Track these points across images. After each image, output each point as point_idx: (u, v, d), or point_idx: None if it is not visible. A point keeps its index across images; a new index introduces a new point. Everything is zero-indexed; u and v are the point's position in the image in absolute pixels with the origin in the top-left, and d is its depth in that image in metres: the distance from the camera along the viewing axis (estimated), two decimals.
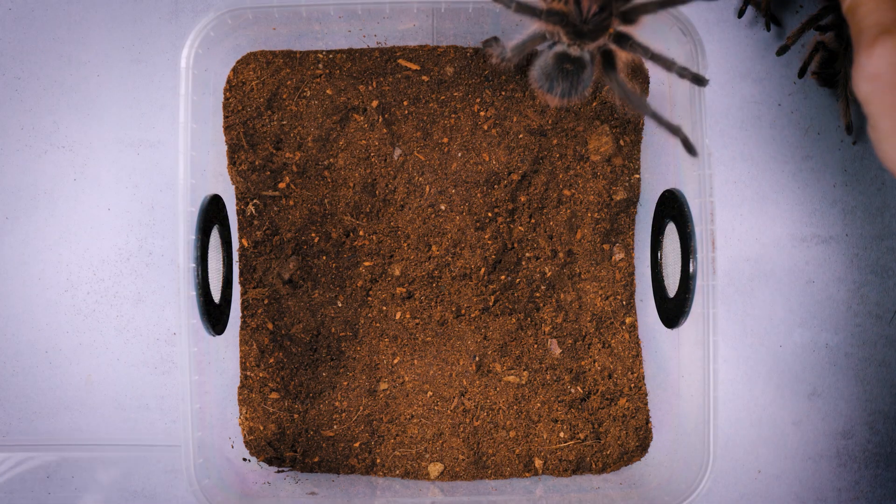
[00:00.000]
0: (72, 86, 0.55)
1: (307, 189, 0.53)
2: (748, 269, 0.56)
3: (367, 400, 0.54)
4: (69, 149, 0.55)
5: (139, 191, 0.55)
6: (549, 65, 0.43)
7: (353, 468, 0.53)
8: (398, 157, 0.53)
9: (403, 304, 0.54)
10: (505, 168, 0.52)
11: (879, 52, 0.31)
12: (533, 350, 0.54)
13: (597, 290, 0.55)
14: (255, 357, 0.53)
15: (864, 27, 0.33)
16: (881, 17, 0.32)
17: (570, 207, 0.54)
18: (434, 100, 0.53)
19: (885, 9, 0.32)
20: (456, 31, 0.52)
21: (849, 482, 0.55)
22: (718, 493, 0.55)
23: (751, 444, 0.55)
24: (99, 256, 0.55)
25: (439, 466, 0.53)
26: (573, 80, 0.42)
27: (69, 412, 0.55)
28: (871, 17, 0.32)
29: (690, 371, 0.49)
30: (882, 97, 0.31)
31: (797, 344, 0.55)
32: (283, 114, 0.53)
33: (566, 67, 0.42)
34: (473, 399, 0.54)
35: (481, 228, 0.53)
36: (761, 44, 0.55)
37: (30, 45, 0.55)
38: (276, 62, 0.53)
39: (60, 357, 0.55)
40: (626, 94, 0.42)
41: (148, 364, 0.55)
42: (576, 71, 0.42)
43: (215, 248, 0.49)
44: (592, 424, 0.54)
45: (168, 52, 0.55)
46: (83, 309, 0.55)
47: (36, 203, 0.55)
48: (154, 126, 0.55)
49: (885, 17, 0.32)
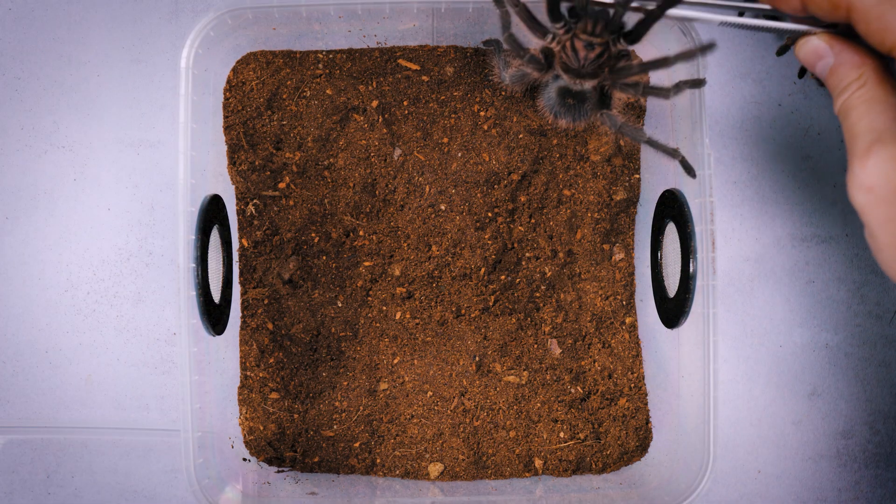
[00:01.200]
0: (72, 86, 0.55)
1: (307, 189, 0.53)
2: (748, 269, 0.56)
3: (367, 400, 0.54)
4: (69, 149, 0.55)
5: (139, 191, 0.55)
6: (553, 99, 0.44)
7: (353, 468, 0.53)
8: (398, 157, 0.53)
9: (403, 304, 0.54)
10: (505, 168, 0.52)
11: (873, 163, 0.31)
12: (533, 350, 0.54)
13: (597, 290, 0.55)
14: (255, 357, 0.53)
15: (857, 133, 0.32)
16: (873, 122, 0.31)
17: (570, 207, 0.54)
18: (434, 100, 0.53)
19: (877, 112, 0.31)
20: (456, 31, 0.52)
21: (849, 482, 0.55)
22: (718, 493, 0.55)
23: (751, 444, 0.55)
24: (99, 256, 0.55)
25: (439, 466, 0.53)
26: (577, 111, 0.44)
27: (69, 412, 0.55)
28: (863, 123, 0.32)
29: (690, 371, 0.49)
30: (877, 209, 0.31)
31: (797, 344, 0.55)
32: (283, 114, 0.53)
33: (569, 102, 0.44)
34: (473, 399, 0.54)
35: (481, 228, 0.53)
36: (761, 43, 0.55)
37: (30, 45, 0.55)
38: (276, 62, 0.53)
39: (60, 357, 0.55)
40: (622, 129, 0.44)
41: (148, 364, 0.55)
42: (578, 105, 0.44)
43: (215, 248, 0.49)
44: (592, 424, 0.54)
45: (168, 52, 0.55)
46: (83, 309, 0.55)
47: (36, 203, 0.55)
48: (154, 126, 0.55)
49: (876, 121, 0.31)
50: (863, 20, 0.31)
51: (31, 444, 0.55)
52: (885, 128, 0.31)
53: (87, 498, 0.55)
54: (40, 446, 0.55)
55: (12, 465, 0.55)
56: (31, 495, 0.55)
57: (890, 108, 0.31)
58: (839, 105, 0.33)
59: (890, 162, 0.30)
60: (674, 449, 0.51)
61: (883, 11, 0.30)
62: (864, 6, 0.30)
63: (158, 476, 0.55)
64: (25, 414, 0.55)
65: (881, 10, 0.30)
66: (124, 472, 0.55)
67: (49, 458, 0.55)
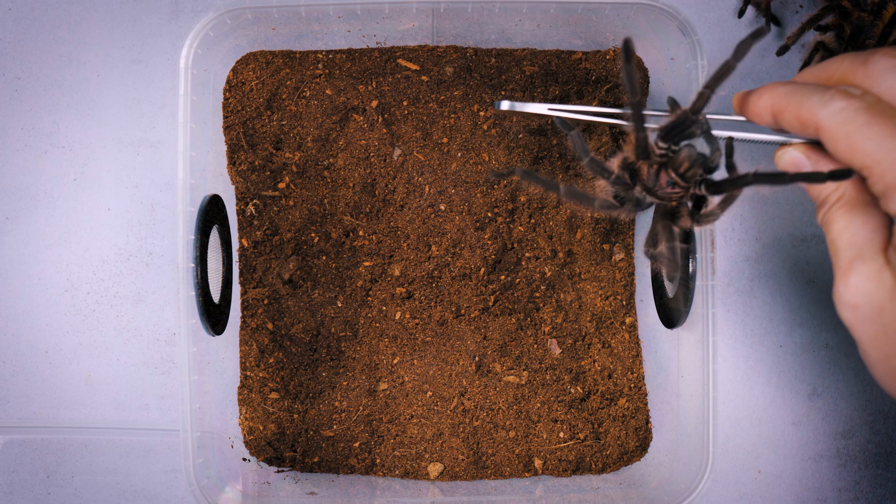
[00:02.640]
0: (72, 86, 0.55)
1: (307, 189, 0.53)
2: (748, 269, 0.56)
3: (367, 400, 0.54)
4: (69, 149, 0.55)
5: (139, 191, 0.55)
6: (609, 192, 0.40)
7: (353, 468, 0.53)
8: (398, 157, 0.53)
9: (403, 304, 0.54)
10: (505, 168, 0.52)
11: (855, 282, 0.31)
12: (533, 350, 0.54)
13: (597, 290, 0.55)
14: (255, 357, 0.53)
15: (838, 247, 0.32)
16: (853, 237, 0.31)
17: (570, 207, 0.54)
18: (434, 100, 0.53)
19: (857, 225, 0.31)
20: (456, 31, 0.52)
21: (849, 482, 0.55)
22: (718, 493, 0.55)
23: (751, 444, 0.55)
24: (99, 256, 0.55)
25: (439, 466, 0.53)
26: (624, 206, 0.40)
27: (69, 412, 0.55)
28: (844, 237, 0.32)
29: (690, 371, 0.49)
30: (864, 327, 0.31)
31: (797, 344, 0.55)
32: (283, 114, 0.53)
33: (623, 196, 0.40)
34: (473, 399, 0.54)
35: (481, 228, 0.53)
36: (761, 43, 0.55)
37: (30, 45, 0.55)
38: (275, 62, 0.53)
39: (60, 357, 0.55)
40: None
41: (148, 364, 0.55)
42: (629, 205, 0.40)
43: (215, 248, 0.49)
44: (592, 424, 0.54)
45: (168, 52, 0.55)
46: (83, 309, 0.55)
47: (36, 203, 0.55)
48: (154, 126, 0.55)
49: (857, 235, 0.31)
50: (831, 140, 0.31)
51: (31, 444, 0.55)
52: (865, 241, 0.31)
53: (87, 498, 0.55)
54: (40, 446, 0.55)
55: (12, 465, 0.55)
56: (31, 495, 0.55)
57: (870, 220, 0.31)
58: (820, 217, 0.33)
59: (871, 280, 0.30)
60: (674, 449, 0.51)
61: (849, 132, 0.30)
62: (830, 126, 0.30)
63: (158, 476, 0.55)
64: (25, 414, 0.55)
65: (847, 131, 0.30)
66: (124, 472, 0.55)
67: (49, 458, 0.55)
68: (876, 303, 0.30)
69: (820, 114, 0.31)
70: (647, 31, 0.50)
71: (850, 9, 0.50)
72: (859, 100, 0.30)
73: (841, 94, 0.31)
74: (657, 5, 0.46)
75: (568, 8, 0.48)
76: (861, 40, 0.50)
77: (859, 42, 0.50)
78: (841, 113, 0.30)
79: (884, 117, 0.29)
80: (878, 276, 0.30)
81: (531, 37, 0.53)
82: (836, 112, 0.30)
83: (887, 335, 0.30)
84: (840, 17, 0.50)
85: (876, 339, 0.30)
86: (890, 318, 0.30)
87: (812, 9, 0.54)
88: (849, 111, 0.30)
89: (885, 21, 0.49)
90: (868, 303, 0.30)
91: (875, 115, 0.29)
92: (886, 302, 0.30)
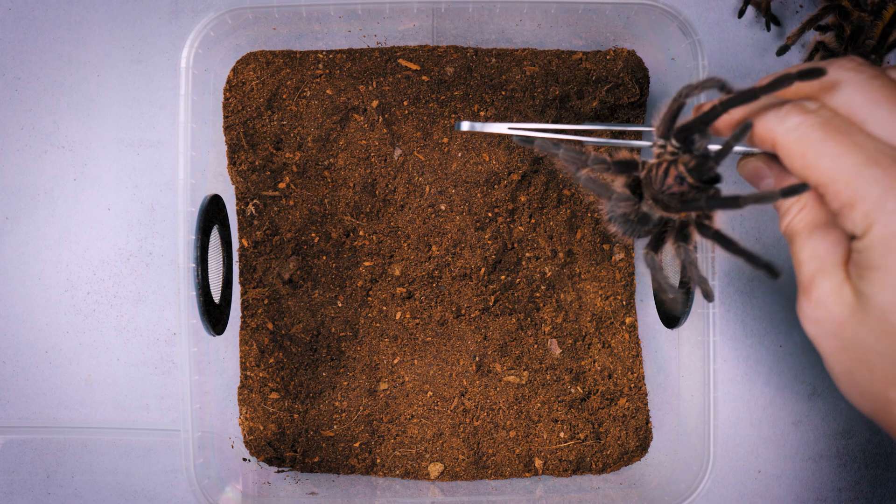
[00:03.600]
0: (72, 86, 0.55)
1: (307, 189, 0.53)
2: (748, 269, 0.55)
3: (367, 400, 0.54)
4: (69, 149, 0.55)
5: (139, 191, 0.55)
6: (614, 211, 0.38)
7: (353, 468, 0.53)
8: (398, 157, 0.53)
9: (403, 304, 0.54)
10: (505, 168, 0.52)
11: (816, 297, 0.31)
12: (533, 350, 0.54)
13: (597, 290, 0.55)
14: (255, 357, 0.53)
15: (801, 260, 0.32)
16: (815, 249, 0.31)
17: (570, 207, 0.54)
18: (434, 100, 0.53)
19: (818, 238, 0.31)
20: (456, 31, 0.52)
21: (849, 482, 0.55)
22: (718, 493, 0.55)
23: (751, 444, 0.55)
24: (99, 256, 0.55)
25: (439, 466, 0.53)
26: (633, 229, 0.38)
27: (69, 412, 0.55)
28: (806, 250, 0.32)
29: (690, 371, 0.49)
30: (827, 341, 0.31)
31: (797, 344, 0.55)
32: (283, 114, 0.53)
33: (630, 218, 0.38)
34: (473, 399, 0.54)
35: (481, 228, 0.53)
36: (761, 44, 0.55)
37: (30, 45, 0.55)
38: (276, 62, 0.53)
39: (60, 357, 0.55)
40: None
41: (148, 364, 0.55)
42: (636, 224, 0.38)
43: (215, 248, 0.49)
44: (592, 424, 0.54)
45: (168, 52, 0.55)
46: (83, 309, 0.55)
47: (36, 203, 0.55)
48: (154, 126, 0.55)
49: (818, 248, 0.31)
50: (787, 156, 0.30)
51: (31, 444, 0.55)
52: (827, 255, 0.31)
53: (87, 498, 0.55)
54: (40, 446, 0.55)
55: (12, 465, 0.55)
56: (31, 495, 0.55)
57: (830, 233, 0.31)
58: (783, 227, 0.33)
59: (832, 295, 0.30)
60: (674, 449, 0.51)
61: (805, 150, 0.29)
62: (786, 142, 0.30)
63: (158, 476, 0.55)
64: (25, 414, 0.55)
65: (802, 148, 0.30)
66: (124, 472, 0.55)
67: (49, 458, 0.55)
68: (836, 318, 0.30)
69: (776, 130, 0.31)
70: (647, 31, 0.50)
71: (850, 9, 0.50)
72: (815, 115, 0.30)
73: (796, 109, 0.30)
74: (657, 5, 0.46)
75: (568, 8, 0.48)
76: (861, 40, 0.50)
77: (859, 42, 0.50)
78: (797, 129, 0.30)
79: (840, 134, 0.29)
80: (839, 291, 0.30)
81: (531, 37, 0.53)
82: (791, 128, 0.30)
83: (848, 350, 0.30)
84: (840, 17, 0.50)
85: (838, 354, 0.30)
86: (850, 333, 0.29)
87: (812, 9, 0.54)
88: (804, 127, 0.30)
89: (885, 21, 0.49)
90: (829, 317, 0.30)
91: (830, 131, 0.29)
92: (846, 317, 0.30)
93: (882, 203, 0.27)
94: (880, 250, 0.28)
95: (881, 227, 0.28)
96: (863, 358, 0.29)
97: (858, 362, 0.30)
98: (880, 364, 0.29)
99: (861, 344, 0.29)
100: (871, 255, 0.28)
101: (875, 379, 0.29)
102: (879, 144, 0.29)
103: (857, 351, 0.30)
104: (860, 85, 0.30)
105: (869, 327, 0.29)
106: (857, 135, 0.29)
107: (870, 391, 0.30)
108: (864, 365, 0.29)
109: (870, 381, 0.30)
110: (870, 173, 0.28)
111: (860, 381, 0.30)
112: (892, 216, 0.27)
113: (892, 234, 0.27)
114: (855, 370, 0.30)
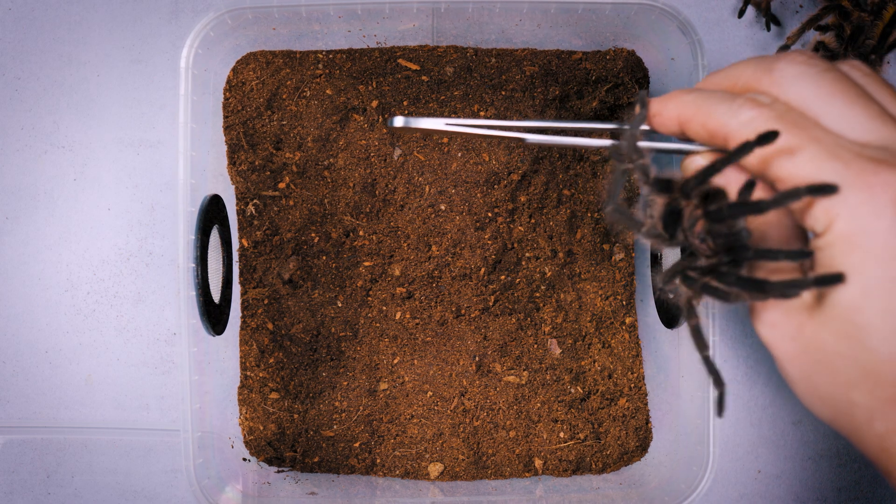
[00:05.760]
0: (72, 86, 0.55)
1: (307, 189, 0.53)
2: None
3: (367, 400, 0.54)
4: (69, 149, 0.55)
5: (139, 191, 0.55)
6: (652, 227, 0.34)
7: (353, 468, 0.53)
8: (398, 157, 0.53)
9: (403, 304, 0.54)
10: (505, 168, 0.52)
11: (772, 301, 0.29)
12: (533, 350, 0.54)
13: (597, 290, 0.55)
14: (255, 357, 0.53)
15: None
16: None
17: (570, 207, 0.54)
18: (434, 100, 0.53)
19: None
20: (456, 31, 0.52)
21: (849, 482, 0.55)
22: (718, 493, 0.55)
23: (751, 444, 0.55)
24: (99, 256, 0.55)
25: (439, 466, 0.53)
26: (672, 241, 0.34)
27: (69, 412, 0.55)
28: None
29: (690, 371, 0.49)
30: (784, 345, 0.29)
31: None
32: (283, 114, 0.53)
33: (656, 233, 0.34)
34: (473, 399, 0.54)
35: (481, 228, 0.53)
36: (761, 44, 0.55)
37: (30, 45, 0.55)
38: (275, 62, 0.53)
39: (60, 357, 0.55)
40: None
41: (148, 364, 0.55)
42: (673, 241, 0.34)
43: (215, 248, 0.49)
44: (592, 424, 0.54)
45: (168, 52, 0.55)
46: (83, 309, 0.55)
47: (36, 203, 0.55)
48: (154, 126, 0.55)
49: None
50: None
51: (31, 444, 0.55)
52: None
53: (87, 498, 0.55)
54: (40, 446, 0.55)
55: (12, 465, 0.55)
56: (31, 495, 0.55)
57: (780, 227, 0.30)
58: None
59: None
60: (674, 449, 0.51)
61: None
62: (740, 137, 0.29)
63: (158, 476, 0.55)
64: (25, 414, 0.55)
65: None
66: (124, 472, 0.55)
67: (49, 458, 0.55)
68: (794, 320, 0.29)
69: (729, 124, 0.30)
70: (647, 31, 0.50)
71: (850, 9, 0.50)
72: (769, 109, 0.29)
73: (750, 102, 0.29)
74: (657, 5, 0.46)
75: (568, 8, 0.48)
76: (861, 40, 0.50)
77: (859, 42, 0.50)
78: (751, 123, 0.29)
79: (796, 128, 0.28)
80: None
81: (531, 37, 0.53)
82: (745, 122, 0.29)
83: (808, 353, 0.29)
84: (840, 17, 0.50)
85: (797, 358, 0.29)
86: (809, 336, 0.28)
87: (812, 9, 0.54)
88: (759, 121, 0.29)
89: (884, 21, 0.49)
90: (786, 321, 0.29)
91: (787, 125, 0.28)
92: (805, 319, 0.28)
93: (843, 197, 0.26)
94: (842, 247, 0.27)
95: (843, 223, 0.27)
96: (823, 361, 0.28)
97: (818, 365, 0.28)
98: (842, 366, 0.28)
99: (821, 346, 0.28)
100: (833, 252, 0.27)
101: (836, 382, 0.28)
102: (837, 138, 0.28)
103: (816, 354, 0.28)
104: (812, 79, 0.29)
105: (830, 328, 0.28)
106: (813, 129, 0.28)
107: (830, 395, 0.29)
108: (825, 368, 0.28)
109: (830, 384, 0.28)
110: (830, 167, 0.27)
111: (820, 384, 0.29)
112: (855, 210, 0.26)
113: (855, 229, 0.26)
114: (814, 374, 0.29)
